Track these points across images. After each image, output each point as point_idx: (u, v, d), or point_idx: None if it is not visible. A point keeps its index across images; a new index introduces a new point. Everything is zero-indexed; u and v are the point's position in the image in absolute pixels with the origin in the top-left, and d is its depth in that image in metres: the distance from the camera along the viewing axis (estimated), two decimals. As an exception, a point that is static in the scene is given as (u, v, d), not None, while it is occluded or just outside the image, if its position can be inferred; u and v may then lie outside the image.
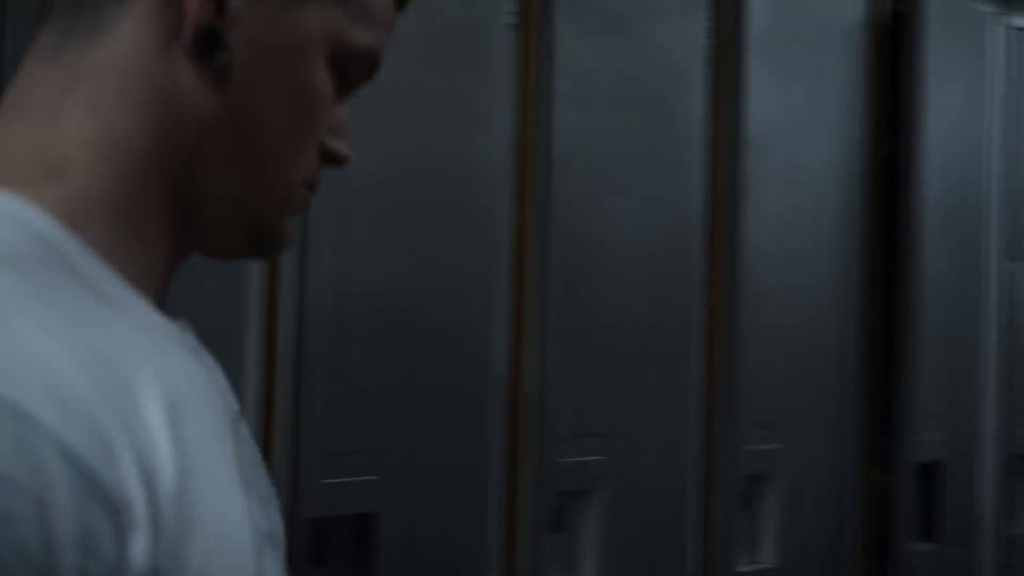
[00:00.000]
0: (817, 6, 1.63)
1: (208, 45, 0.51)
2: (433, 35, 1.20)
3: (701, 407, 1.43)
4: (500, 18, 1.26)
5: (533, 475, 1.25)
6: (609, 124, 1.36)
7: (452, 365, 1.23)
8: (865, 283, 1.69)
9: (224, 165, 0.53)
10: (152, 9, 0.50)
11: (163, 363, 0.46)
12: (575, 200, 1.31)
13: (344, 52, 0.55)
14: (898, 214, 1.71)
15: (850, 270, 1.68)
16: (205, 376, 0.50)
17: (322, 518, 1.12)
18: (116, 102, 0.51)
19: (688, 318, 1.44)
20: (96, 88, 0.50)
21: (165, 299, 0.51)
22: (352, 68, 0.56)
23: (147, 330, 0.47)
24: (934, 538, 1.74)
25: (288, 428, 1.11)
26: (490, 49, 1.26)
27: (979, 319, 1.83)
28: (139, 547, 0.40)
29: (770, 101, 1.52)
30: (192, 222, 0.53)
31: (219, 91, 0.51)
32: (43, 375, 0.40)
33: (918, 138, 1.70)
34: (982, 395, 1.84)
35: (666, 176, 1.43)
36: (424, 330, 1.21)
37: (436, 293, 1.22)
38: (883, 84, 1.70)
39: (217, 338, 0.57)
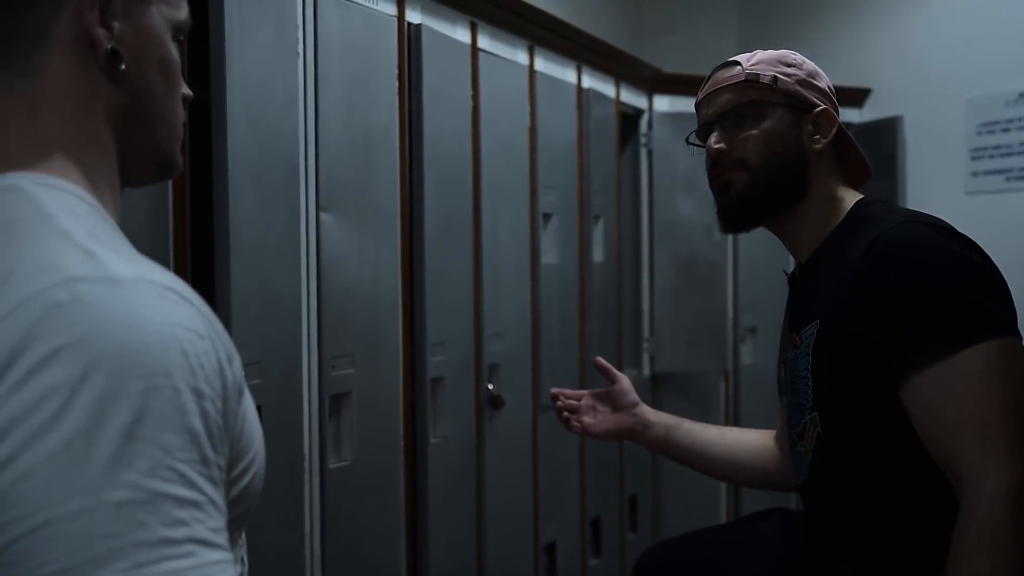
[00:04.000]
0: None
1: (112, 59, 0.83)
2: None
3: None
4: None
5: None
6: None
7: None
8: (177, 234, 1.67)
9: (142, 126, 0.87)
10: (68, 50, 0.82)
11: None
12: None
13: (176, 29, 0.89)
14: (211, 167, 1.70)
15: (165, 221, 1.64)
16: None
17: None
18: (74, 112, 0.83)
19: None
20: (58, 107, 0.82)
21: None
22: (180, 35, 0.90)
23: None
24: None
25: None
26: None
27: (295, 268, 1.89)
28: (235, 370, 0.79)
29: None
30: (125, 167, 0.88)
31: (124, 83, 0.85)
32: (189, 314, 0.75)
33: (226, 91, 1.69)
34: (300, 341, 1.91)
35: None
36: None
37: None
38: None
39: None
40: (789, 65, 1.63)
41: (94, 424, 0.67)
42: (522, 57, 2.75)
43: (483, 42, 2.55)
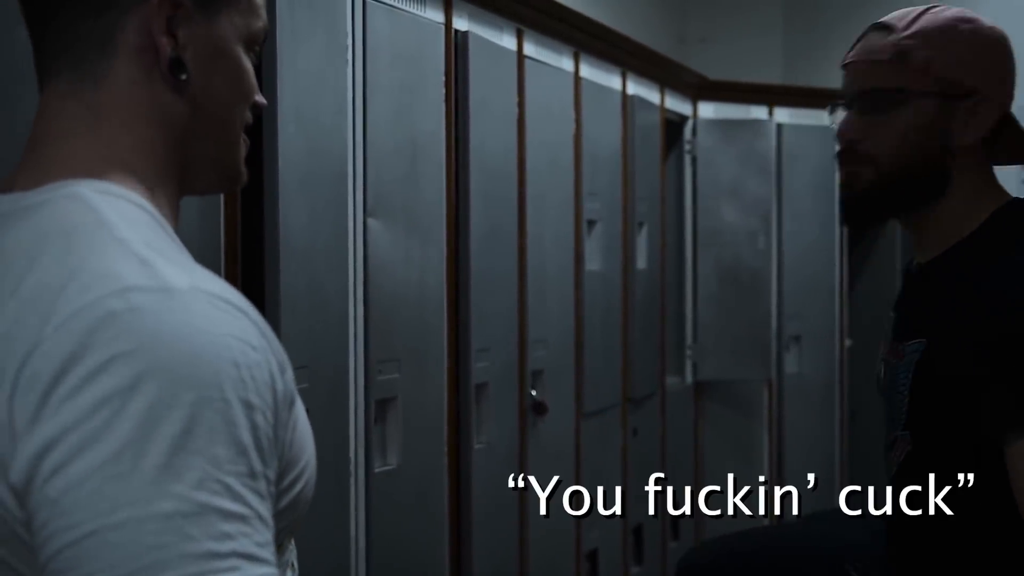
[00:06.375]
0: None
1: (174, 68, 0.82)
2: None
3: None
4: None
5: None
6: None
7: None
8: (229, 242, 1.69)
9: (201, 136, 0.86)
10: (133, 59, 0.82)
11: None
12: None
13: (250, 38, 0.87)
14: (262, 172, 1.72)
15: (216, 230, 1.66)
16: None
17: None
18: (134, 121, 0.83)
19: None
20: (118, 116, 0.82)
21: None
22: (255, 45, 0.89)
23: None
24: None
25: None
26: None
27: (343, 273, 1.91)
28: (286, 381, 0.78)
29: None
30: (186, 176, 0.87)
31: (185, 93, 0.84)
32: (241, 322, 0.75)
33: (277, 98, 1.71)
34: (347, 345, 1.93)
35: None
36: None
37: None
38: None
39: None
40: (954, 39, 1.39)
41: (144, 434, 0.68)
42: (567, 64, 2.76)
43: (529, 49, 2.55)
